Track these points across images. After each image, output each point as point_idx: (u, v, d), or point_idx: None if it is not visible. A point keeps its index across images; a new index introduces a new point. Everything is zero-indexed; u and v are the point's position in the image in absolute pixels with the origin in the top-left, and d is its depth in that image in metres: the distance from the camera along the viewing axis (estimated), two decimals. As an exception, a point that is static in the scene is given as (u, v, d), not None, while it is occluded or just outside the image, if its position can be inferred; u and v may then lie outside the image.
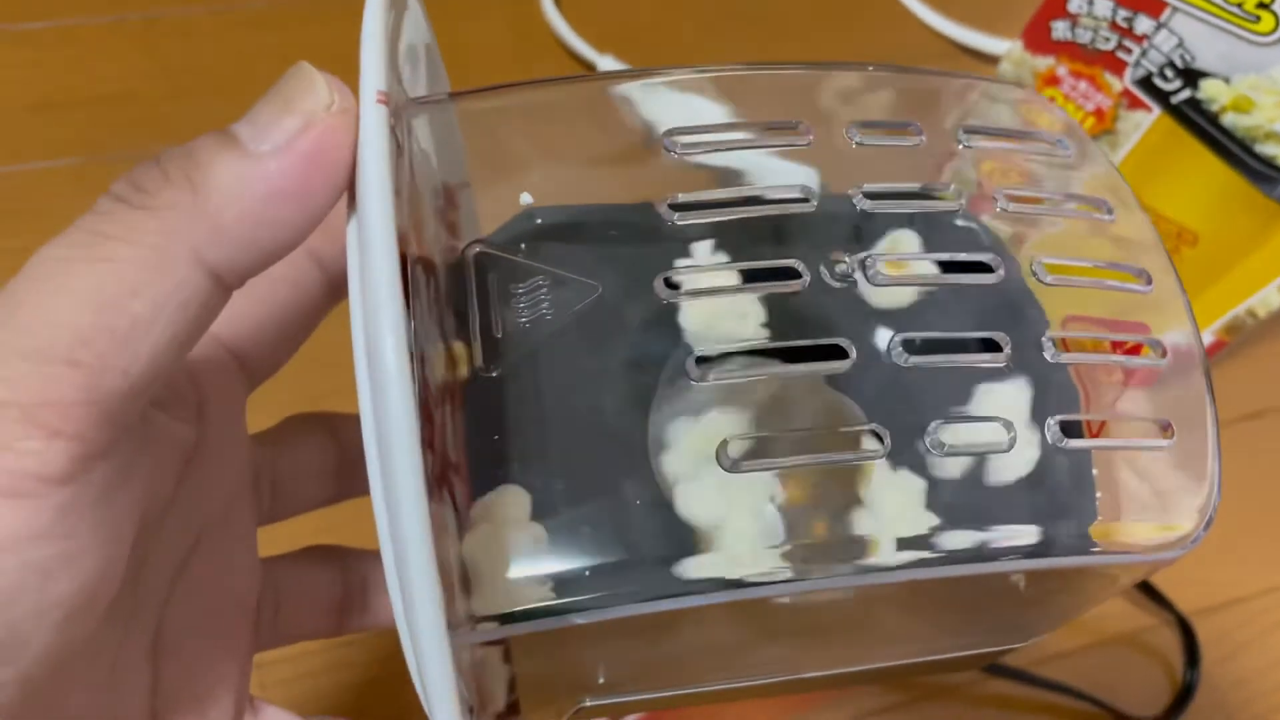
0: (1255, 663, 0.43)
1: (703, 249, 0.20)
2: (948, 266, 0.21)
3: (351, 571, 0.27)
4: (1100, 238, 0.23)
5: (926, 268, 0.21)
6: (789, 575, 0.19)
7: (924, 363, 0.20)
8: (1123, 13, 0.44)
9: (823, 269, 0.20)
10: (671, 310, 0.20)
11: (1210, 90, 0.41)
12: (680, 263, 0.20)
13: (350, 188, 0.17)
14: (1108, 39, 0.45)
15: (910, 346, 0.20)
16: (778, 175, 0.21)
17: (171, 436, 0.21)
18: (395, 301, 0.16)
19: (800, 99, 0.23)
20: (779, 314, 0.20)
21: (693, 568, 0.19)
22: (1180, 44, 0.42)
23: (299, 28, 0.55)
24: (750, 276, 0.20)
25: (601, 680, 0.23)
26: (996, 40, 0.59)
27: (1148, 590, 0.43)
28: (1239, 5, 0.39)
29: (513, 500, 0.19)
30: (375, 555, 0.27)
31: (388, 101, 0.17)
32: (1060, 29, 0.47)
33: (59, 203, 0.46)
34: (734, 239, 0.21)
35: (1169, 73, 0.43)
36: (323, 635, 0.26)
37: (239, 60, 0.54)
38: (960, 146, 0.22)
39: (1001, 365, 0.20)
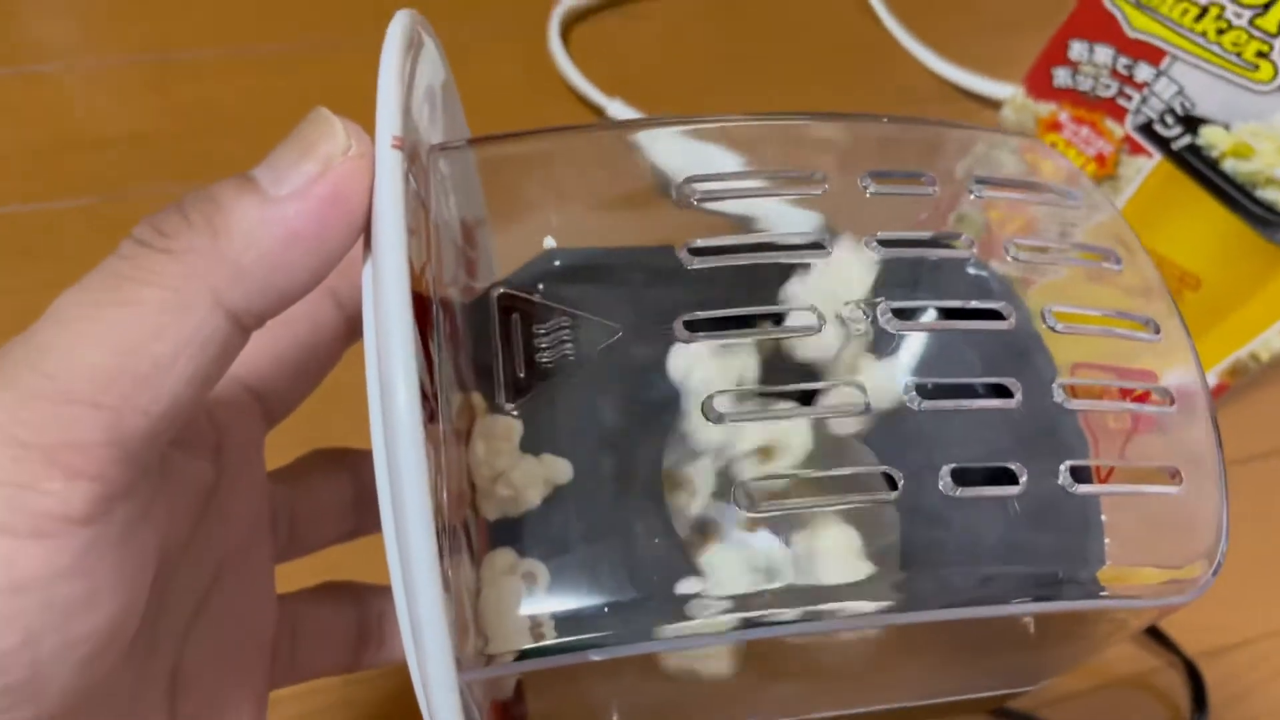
0: (1264, 706, 0.42)
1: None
2: (959, 313, 0.21)
3: (368, 607, 0.27)
4: (1107, 285, 0.23)
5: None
6: (801, 616, 0.19)
7: (936, 407, 0.20)
8: (1123, 60, 0.44)
9: (837, 314, 0.20)
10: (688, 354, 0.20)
11: (1210, 137, 0.42)
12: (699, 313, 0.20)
13: (367, 230, 0.17)
14: (1108, 86, 0.45)
15: (923, 391, 0.20)
16: (790, 223, 0.22)
17: (190, 475, 0.22)
18: (407, 343, 0.16)
19: (811, 149, 0.23)
20: (793, 357, 0.20)
21: (706, 607, 0.19)
22: (1180, 91, 0.42)
23: (311, 70, 0.56)
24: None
25: (616, 718, 0.23)
26: (999, 85, 0.60)
27: (1153, 632, 0.43)
28: (1238, 54, 0.40)
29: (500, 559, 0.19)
30: (391, 591, 0.27)
31: (402, 146, 0.18)
32: (1062, 76, 0.47)
33: (71, 243, 0.47)
34: (750, 284, 0.21)
35: (1169, 119, 0.43)
36: (339, 671, 0.26)
37: (252, 102, 0.54)
38: (972, 196, 0.22)
39: (1012, 409, 0.20)
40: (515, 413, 0.20)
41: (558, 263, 0.22)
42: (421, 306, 0.18)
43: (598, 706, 0.23)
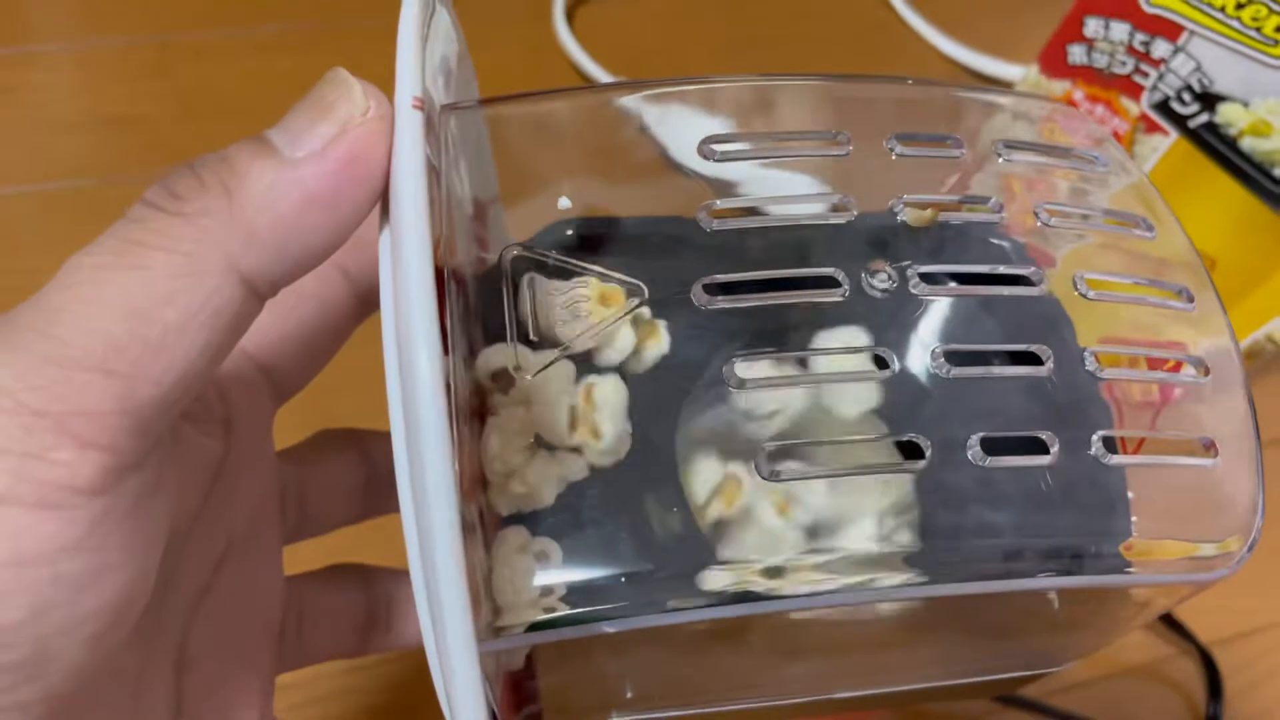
0: (1278, 693, 0.42)
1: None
2: (987, 279, 0.21)
3: (376, 591, 0.26)
4: (1136, 254, 0.22)
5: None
6: (816, 589, 0.19)
7: (965, 374, 0.19)
8: (1140, 36, 0.44)
9: (863, 278, 0.20)
10: (711, 316, 0.19)
11: (1228, 114, 0.42)
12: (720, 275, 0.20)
13: (383, 195, 0.17)
14: (1124, 63, 0.45)
15: (951, 358, 0.19)
16: (810, 189, 0.21)
17: (199, 450, 0.21)
18: (430, 310, 0.16)
19: (833, 111, 0.23)
20: (818, 323, 0.20)
21: (721, 579, 0.18)
22: (1198, 68, 0.42)
23: (310, 51, 0.56)
24: (790, 285, 0.20)
25: (629, 695, 0.23)
26: (1011, 66, 0.60)
27: (1167, 619, 0.42)
28: (1258, 29, 0.39)
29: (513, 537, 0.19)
30: (400, 574, 0.27)
31: (423, 107, 0.17)
32: (1076, 53, 0.47)
33: (71, 224, 0.47)
34: (771, 248, 0.20)
35: (1186, 97, 0.43)
36: (346, 655, 0.26)
37: (251, 84, 0.54)
38: (1000, 160, 0.22)
39: (1043, 378, 0.20)
40: (530, 377, 0.19)
41: (570, 231, 0.21)
42: (436, 279, 0.17)
43: (609, 682, 0.22)
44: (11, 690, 0.15)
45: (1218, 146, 0.42)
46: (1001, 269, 0.21)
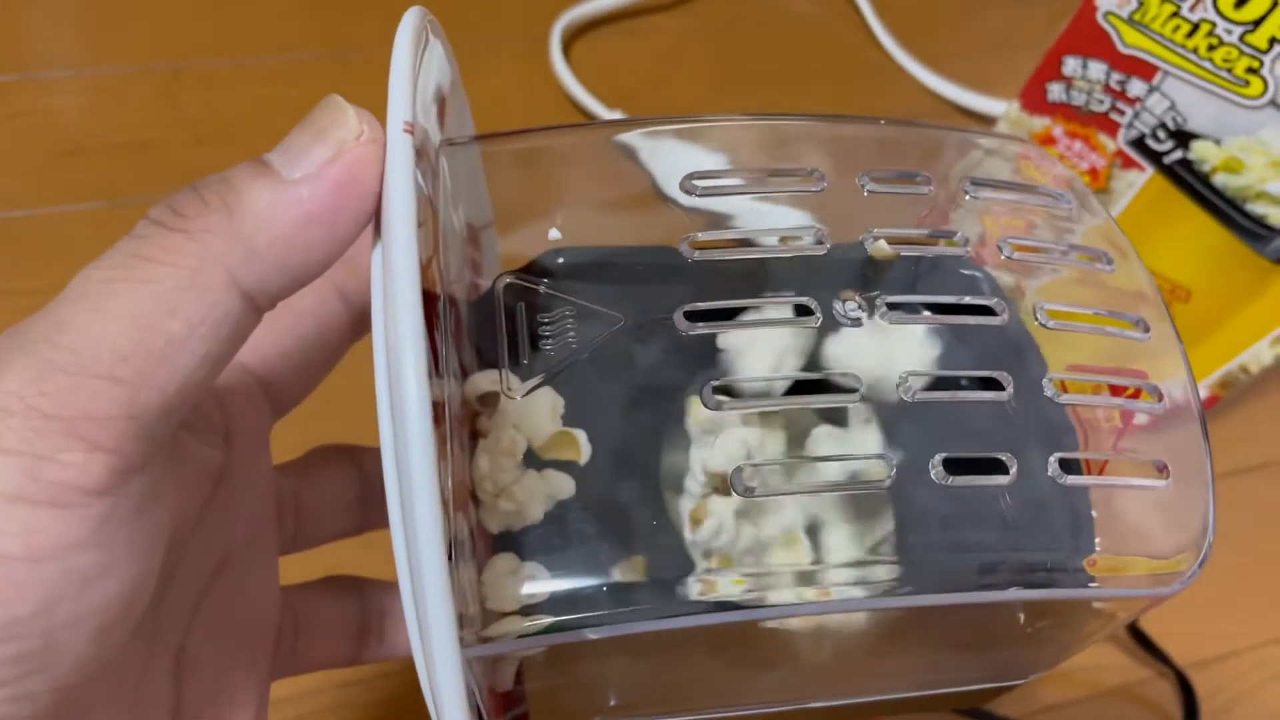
0: (1254, 715, 0.43)
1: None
2: (954, 309, 0.22)
3: (370, 602, 0.27)
4: (1099, 287, 0.23)
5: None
6: (792, 599, 0.20)
7: (930, 398, 0.20)
8: (1116, 76, 0.45)
9: (835, 307, 0.21)
10: (691, 342, 0.20)
11: (1201, 151, 0.43)
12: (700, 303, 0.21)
13: (377, 216, 0.18)
14: (1101, 101, 0.46)
15: (917, 383, 0.20)
16: (787, 222, 0.22)
17: (200, 458, 0.22)
18: (416, 319, 0.16)
19: (810, 150, 0.24)
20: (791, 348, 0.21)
21: (699, 589, 0.19)
22: (1172, 107, 0.43)
23: (316, 81, 0.56)
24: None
25: (612, 702, 0.23)
26: (993, 101, 0.61)
27: (1144, 642, 0.43)
28: (1229, 70, 0.40)
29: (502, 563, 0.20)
30: (392, 586, 0.27)
31: (413, 131, 0.18)
32: (1056, 91, 0.48)
33: (80, 246, 0.47)
34: (750, 278, 0.21)
35: (1161, 134, 0.44)
36: (339, 664, 0.27)
37: (258, 111, 0.55)
38: (967, 197, 0.23)
39: (1004, 402, 0.21)
40: (519, 396, 0.20)
41: (561, 260, 0.22)
42: (428, 302, 0.18)
43: (591, 688, 0.23)
44: (20, 680, 0.16)
45: (1191, 182, 0.43)
46: (966, 299, 0.22)
